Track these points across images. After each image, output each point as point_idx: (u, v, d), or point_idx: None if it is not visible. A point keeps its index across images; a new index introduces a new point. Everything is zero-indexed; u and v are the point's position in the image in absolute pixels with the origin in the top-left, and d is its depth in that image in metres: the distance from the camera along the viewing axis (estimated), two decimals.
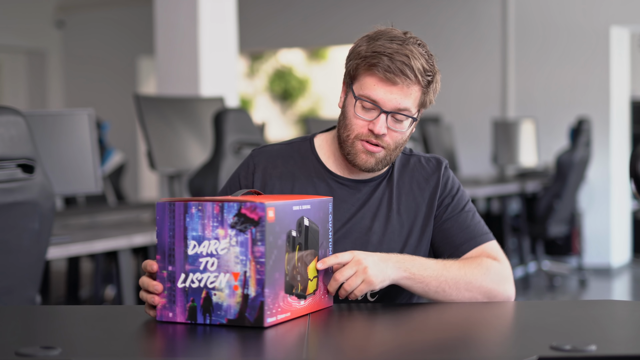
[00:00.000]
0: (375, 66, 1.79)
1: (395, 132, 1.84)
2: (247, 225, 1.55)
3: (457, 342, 1.53)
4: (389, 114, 1.82)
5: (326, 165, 1.94)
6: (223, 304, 1.57)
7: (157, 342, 1.56)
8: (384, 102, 1.81)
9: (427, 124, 6.64)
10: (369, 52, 1.81)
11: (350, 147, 1.86)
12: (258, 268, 1.55)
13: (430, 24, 7.91)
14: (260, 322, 1.54)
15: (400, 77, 1.79)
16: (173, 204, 1.60)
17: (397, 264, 1.74)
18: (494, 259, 1.87)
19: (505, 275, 1.84)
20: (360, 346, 1.53)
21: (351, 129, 1.85)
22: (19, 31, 9.11)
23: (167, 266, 1.61)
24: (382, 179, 1.94)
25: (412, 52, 1.80)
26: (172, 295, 1.60)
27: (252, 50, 10.57)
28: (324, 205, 1.73)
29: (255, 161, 1.96)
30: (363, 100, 1.82)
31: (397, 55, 1.79)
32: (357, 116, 1.84)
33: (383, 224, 1.90)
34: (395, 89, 1.80)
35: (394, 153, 1.88)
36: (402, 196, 1.93)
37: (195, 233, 1.58)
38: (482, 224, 1.94)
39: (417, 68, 1.80)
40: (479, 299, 1.80)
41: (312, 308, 1.69)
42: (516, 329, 1.65)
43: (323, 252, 1.72)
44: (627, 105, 7.54)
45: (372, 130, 1.82)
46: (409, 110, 1.83)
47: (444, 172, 1.96)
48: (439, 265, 1.79)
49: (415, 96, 1.83)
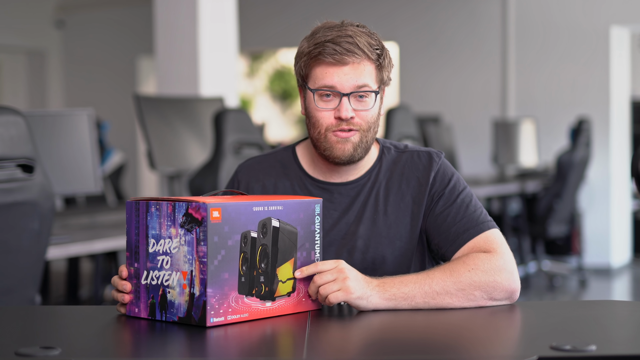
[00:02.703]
0: (321, 54, 1.80)
1: (362, 112, 1.82)
2: (193, 225, 1.57)
3: (457, 342, 1.53)
4: (349, 95, 1.81)
5: (307, 171, 1.93)
6: (175, 302, 1.60)
7: (151, 341, 1.56)
8: (340, 85, 1.80)
9: (427, 124, 6.64)
10: (311, 46, 1.82)
11: (324, 141, 1.84)
12: (201, 268, 1.56)
13: (430, 24, 7.91)
14: (203, 321, 1.56)
15: (349, 55, 1.79)
16: (138, 202, 1.64)
17: (378, 287, 1.69)
18: (487, 250, 1.79)
19: (499, 265, 1.75)
20: (361, 346, 1.53)
21: (319, 124, 1.84)
22: (19, 31, 9.11)
23: (133, 263, 1.66)
24: (366, 179, 1.91)
25: (353, 32, 1.81)
26: (137, 292, 1.65)
27: (252, 50, 10.57)
28: (306, 207, 1.71)
29: (239, 177, 1.97)
30: (320, 90, 1.82)
31: (339, 38, 1.80)
32: (320, 108, 1.83)
33: (369, 227, 1.87)
34: (347, 68, 1.80)
35: (369, 134, 1.85)
36: (389, 196, 1.89)
37: (154, 231, 1.62)
38: (478, 213, 1.86)
39: (362, 44, 1.80)
40: (477, 297, 1.73)
41: (286, 310, 1.68)
42: (516, 329, 1.65)
43: (305, 254, 1.71)
44: (627, 105, 7.53)
45: (339, 117, 1.81)
46: (368, 86, 1.82)
47: (435, 166, 1.90)
48: (420, 277, 1.72)
49: (369, 71, 1.82)
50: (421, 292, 1.71)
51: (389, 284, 1.71)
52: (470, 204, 1.87)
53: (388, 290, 1.69)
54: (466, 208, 1.86)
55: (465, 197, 1.88)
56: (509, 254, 1.80)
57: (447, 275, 1.73)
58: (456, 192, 1.88)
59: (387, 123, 5.01)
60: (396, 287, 1.70)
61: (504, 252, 1.79)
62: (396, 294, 1.70)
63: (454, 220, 1.85)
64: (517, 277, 1.78)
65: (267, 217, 1.64)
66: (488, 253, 1.79)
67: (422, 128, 6.44)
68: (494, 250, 1.80)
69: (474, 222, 1.84)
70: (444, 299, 1.72)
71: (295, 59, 1.87)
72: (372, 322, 1.65)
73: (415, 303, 1.71)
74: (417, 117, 6.13)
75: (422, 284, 1.71)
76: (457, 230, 1.84)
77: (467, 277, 1.73)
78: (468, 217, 1.85)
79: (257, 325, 1.60)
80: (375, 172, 1.91)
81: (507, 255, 1.79)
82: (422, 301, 1.71)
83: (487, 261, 1.76)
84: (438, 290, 1.72)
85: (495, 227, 1.86)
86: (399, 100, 7.98)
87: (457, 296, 1.73)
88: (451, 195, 1.88)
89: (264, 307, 1.65)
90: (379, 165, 1.92)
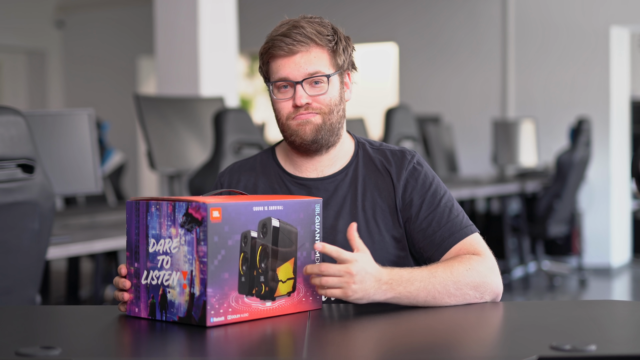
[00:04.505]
0: (273, 48, 1.87)
1: (319, 96, 1.88)
2: (193, 225, 1.57)
3: (457, 342, 1.53)
4: (302, 82, 1.86)
5: (285, 168, 1.98)
6: (175, 302, 1.60)
7: (150, 341, 1.56)
8: (292, 74, 1.86)
9: (427, 124, 6.65)
10: (267, 44, 1.89)
11: (288, 129, 1.90)
12: (201, 267, 1.57)
13: (430, 23, 7.91)
14: (204, 321, 1.56)
15: (297, 45, 1.86)
16: (138, 202, 1.65)
17: (386, 285, 1.69)
18: (474, 253, 1.83)
19: (490, 267, 1.80)
20: (361, 346, 1.54)
21: (280, 114, 1.91)
22: (19, 31, 9.11)
23: (133, 263, 1.66)
24: (344, 174, 1.94)
25: (303, 24, 1.88)
26: (137, 292, 1.66)
27: (252, 50, 10.55)
28: (307, 207, 1.72)
29: (221, 180, 2.02)
30: (277, 82, 1.88)
31: (288, 31, 1.87)
32: (279, 100, 1.90)
33: (348, 222, 1.88)
34: (297, 57, 1.86)
35: (333, 117, 1.90)
36: (367, 192, 1.92)
37: (155, 231, 1.63)
38: (461, 217, 1.89)
39: (310, 32, 1.87)
40: (470, 296, 1.76)
41: (286, 310, 1.68)
42: (516, 329, 1.65)
43: (305, 254, 1.71)
44: (627, 105, 7.54)
45: (295, 104, 1.87)
46: (320, 72, 1.87)
47: (409, 165, 1.93)
48: (425, 274, 1.74)
49: (321, 57, 1.88)
50: (424, 292, 1.73)
51: (397, 281, 1.71)
52: (453, 208, 1.91)
53: (395, 289, 1.70)
54: (449, 212, 1.90)
55: (447, 202, 1.92)
56: (493, 257, 1.86)
57: (447, 274, 1.76)
58: (438, 196, 1.92)
59: (387, 123, 5.01)
60: (403, 285, 1.71)
61: (490, 255, 1.86)
62: (402, 292, 1.71)
63: (439, 225, 1.88)
64: (501, 282, 1.84)
65: (267, 217, 1.65)
66: (477, 255, 1.83)
67: (422, 128, 6.44)
68: (481, 253, 1.84)
69: (457, 227, 1.88)
70: (442, 299, 1.74)
71: (259, 61, 1.94)
72: (372, 322, 1.65)
73: (416, 302, 1.73)
74: (416, 117, 6.13)
75: (427, 284, 1.73)
76: (442, 234, 1.87)
77: (466, 277, 1.76)
78: (452, 221, 1.89)
79: (257, 325, 1.61)
80: (353, 167, 1.95)
81: (493, 259, 1.85)
82: (423, 300, 1.73)
83: (480, 263, 1.81)
84: (439, 290, 1.74)
85: (477, 231, 1.90)
86: (399, 100, 7.98)
87: (455, 296, 1.75)
88: (434, 199, 1.91)
89: (264, 307, 1.65)
90: (355, 160, 1.96)
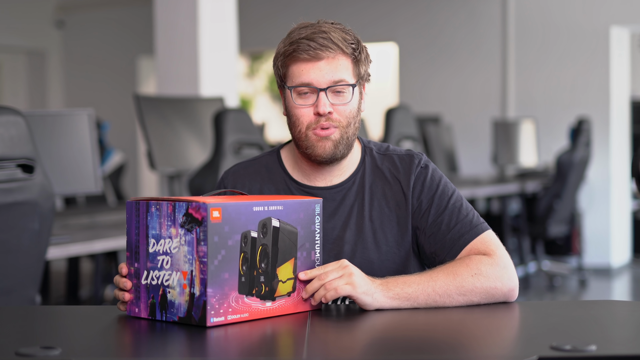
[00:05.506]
0: (297, 51, 1.80)
1: (340, 106, 1.82)
2: (193, 225, 1.57)
3: (457, 342, 1.53)
4: (326, 90, 1.80)
5: (292, 175, 1.92)
6: (175, 302, 1.60)
7: (150, 341, 1.56)
8: (317, 80, 1.80)
9: (427, 124, 6.64)
10: (287, 46, 1.82)
11: (305, 140, 1.83)
12: (201, 267, 1.57)
13: (430, 24, 7.91)
14: (204, 321, 1.56)
15: (324, 50, 1.79)
16: (139, 202, 1.65)
17: (381, 286, 1.69)
18: (486, 253, 1.78)
19: (501, 267, 1.75)
20: (361, 346, 1.53)
21: (299, 122, 1.83)
22: (19, 31, 9.11)
23: (133, 263, 1.66)
24: (351, 183, 1.89)
25: (327, 28, 1.82)
26: (138, 292, 1.66)
27: (252, 50, 10.56)
28: (307, 207, 1.71)
29: (225, 183, 1.98)
30: (298, 87, 1.82)
31: (313, 35, 1.80)
32: (299, 106, 1.82)
33: (355, 232, 1.86)
34: (322, 63, 1.80)
35: (349, 130, 1.84)
36: (374, 201, 1.88)
37: (155, 231, 1.62)
38: (471, 215, 1.84)
39: (336, 39, 1.80)
40: (475, 301, 1.74)
41: (286, 310, 1.68)
42: (516, 329, 1.65)
43: (305, 254, 1.71)
44: (627, 105, 7.53)
45: (318, 112, 1.80)
46: (345, 80, 1.81)
47: (417, 169, 1.89)
48: (424, 278, 1.72)
49: (346, 65, 1.82)
50: (424, 294, 1.71)
51: (392, 283, 1.70)
52: (462, 207, 1.86)
53: (392, 289, 1.69)
54: (458, 213, 1.85)
55: (456, 202, 1.87)
56: (507, 255, 1.80)
57: (450, 279, 1.73)
58: (446, 197, 1.87)
59: (386, 123, 5.01)
60: (399, 287, 1.70)
61: (502, 254, 1.79)
62: (399, 293, 1.69)
63: (448, 227, 1.84)
64: (516, 276, 1.78)
65: (267, 217, 1.65)
66: (488, 256, 1.78)
67: (422, 128, 6.44)
68: (492, 252, 1.79)
69: (468, 227, 1.83)
70: (444, 302, 1.72)
71: (274, 61, 1.87)
72: (372, 322, 1.65)
73: (417, 304, 1.71)
74: (416, 117, 6.13)
75: (425, 286, 1.71)
76: (452, 236, 1.83)
77: (470, 282, 1.73)
78: (461, 221, 1.84)
79: (257, 325, 1.60)
80: (360, 175, 1.91)
81: (505, 256, 1.79)
82: (424, 302, 1.71)
83: (489, 266, 1.75)
84: (440, 293, 1.72)
85: (489, 229, 1.85)
86: (399, 100, 7.98)
87: (457, 300, 1.73)
88: (442, 201, 1.86)
89: (264, 307, 1.65)
90: (362, 167, 1.91)
